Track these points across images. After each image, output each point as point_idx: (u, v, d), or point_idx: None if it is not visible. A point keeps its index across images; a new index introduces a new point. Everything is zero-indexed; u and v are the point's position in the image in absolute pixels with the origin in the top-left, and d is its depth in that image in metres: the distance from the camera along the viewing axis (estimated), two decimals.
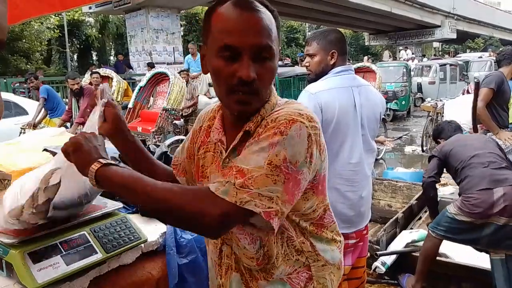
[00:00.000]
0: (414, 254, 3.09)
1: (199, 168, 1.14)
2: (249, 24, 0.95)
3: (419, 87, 13.94)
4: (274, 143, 0.91)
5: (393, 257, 3.15)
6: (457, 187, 2.92)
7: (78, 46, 21.22)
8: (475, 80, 4.37)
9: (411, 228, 3.57)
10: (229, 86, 0.97)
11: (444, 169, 3.02)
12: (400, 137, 9.75)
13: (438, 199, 3.20)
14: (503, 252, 2.69)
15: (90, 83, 6.81)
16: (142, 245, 1.49)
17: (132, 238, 1.44)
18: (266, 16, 0.98)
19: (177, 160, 1.26)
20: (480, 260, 2.94)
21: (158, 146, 2.01)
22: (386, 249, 3.22)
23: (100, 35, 20.86)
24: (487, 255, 2.77)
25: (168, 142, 5.70)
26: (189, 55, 9.69)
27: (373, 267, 3.14)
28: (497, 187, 2.60)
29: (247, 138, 1.00)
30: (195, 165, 1.17)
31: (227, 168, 0.98)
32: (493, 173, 2.67)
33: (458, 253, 3.15)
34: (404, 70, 12.35)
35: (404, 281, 3.05)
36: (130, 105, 6.53)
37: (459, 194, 2.83)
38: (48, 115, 6.57)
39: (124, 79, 9.57)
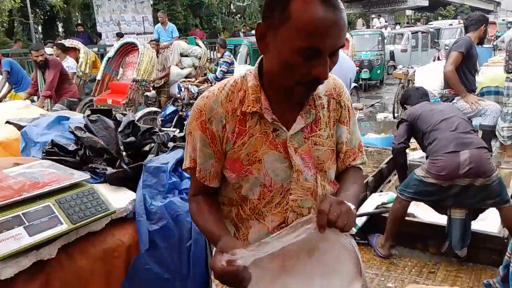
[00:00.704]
0: (383, 215, 3.20)
1: (240, 159, 1.10)
2: (337, 27, 0.95)
3: (392, 55, 14.05)
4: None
5: (364, 218, 3.26)
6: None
7: (42, 17, 20.18)
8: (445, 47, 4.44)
9: (381, 191, 3.68)
10: (301, 80, 0.99)
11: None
12: (372, 105, 9.89)
13: (408, 163, 3.30)
14: (464, 212, 2.82)
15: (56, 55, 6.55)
16: None
17: (100, 209, 1.44)
18: (345, 14, 1.00)
19: (204, 172, 1.14)
20: (441, 218, 3.07)
21: (124, 115, 1.97)
22: (356, 211, 3.31)
23: (65, 5, 19.86)
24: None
25: (140, 114, 5.63)
26: (159, 24, 9.38)
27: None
28: (463, 150, 2.69)
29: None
30: (232, 159, 1.11)
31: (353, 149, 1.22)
32: (460, 136, 2.76)
33: (424, 213, 3.29)
34: (380, 38, 12.37)
35: (374, 241, 3.17)
36: (98, 77, 6.33)
37: (427, 157, 2.92)
38: (13, 89, 6.33)
39: (98, 50, 9.24)
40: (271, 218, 1.12)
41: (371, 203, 3.41)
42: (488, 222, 3.05)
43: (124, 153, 1.75)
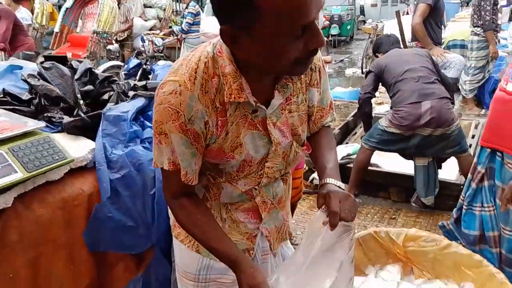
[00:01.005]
0: (348, 166, 3.28)
1: (223, 148, 1.06)
2: None
3: (362, 10, 13.96)
4: None
5: None
6: None
7: None
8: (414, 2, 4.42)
9: (347, 143, 3.75)
10: (299, 58, 0.92)
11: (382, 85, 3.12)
12: (341, 60, 9.89)
13: (373, 115, 3.35)
14: (427, 159, 2.93)
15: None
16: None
17: (57, 157, 1.39)
18: None
19: (190, 174, 1.07)
20: (403, 168, 3.18)
21: (81, 62, 1.87)
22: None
23: None
24: (411, 162, 3.01)
25: (102, 68, 5.40)
26: None
27: (310, 178, 3.31)
28: (425, 100, 2.75)
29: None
30: (214, 150, 1.07)
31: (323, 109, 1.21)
32: (423, 87, 2.80)
33: (388, 163, 3.39)
34: None
35: None
36: (56, 29, 5.97)
37: (391, 108, 2.97)
38: None
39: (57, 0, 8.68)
40: (244, 182, 1.14)
41: (337, 155, 3.48)
42: (447, 170, 3.19)
43: (81, 102, 1.67)
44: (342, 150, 3.50)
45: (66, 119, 1.60)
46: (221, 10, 0.90)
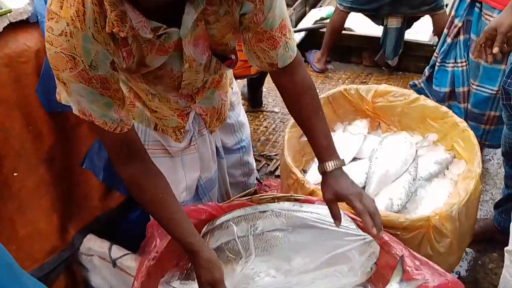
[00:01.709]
0: (321, 30, 3.14)
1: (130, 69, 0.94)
2: None
3: None
4: None
5: (302, 34, 3.19)
6: None
7: None
8: None
9: (320, 6, 3.55)
10: None
11: None
12: None
13: None
14: (400, 20, 2.82)
15: None
16: (8, 14, 1.27)
17: None
18: None
19: (112, 123, 0.93)
20: (376, 32, 3.08)
21: None
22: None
23: None
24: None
25: None
26: None
27: None
28: None
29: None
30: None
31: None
32: None
33: (361, 27, 3.26)
34: None
35: (311, 57, 3.18)
36: None
37: None
38: None
39: None
40: (163, 88, 1.09)
41: (310, 19, 3.31)
42: (420, 32, 3.10)
43: None
44: (315, 14, 3.33)
45: None
46: None
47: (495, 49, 1.49)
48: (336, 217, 1.08)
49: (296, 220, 1.18)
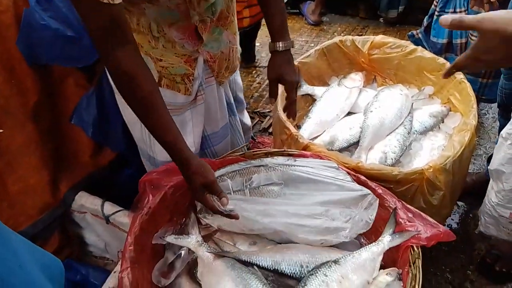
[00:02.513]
0: None
1: None
2: None
3: None
4: None
5: None
6: None
7: None
8: None
9: None
10: None
11: None
12: None
13: None
14: None
15: None
16: None
17: None
18: None
19: None
20: None
21: None
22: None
23: None
24: None
25: None
26: None
27: None
28: None
29: None
30: None
31: None
32: None
33: None
34: None
35: (305, 9, 3.07)
36: None
37: None
38: None
39: None
40: None
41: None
42: None
43: None
44: None
45: None
46: None
47: None
48: (273, 96, 1.26)
49: (291, 174, 1.17)
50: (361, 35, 2.91)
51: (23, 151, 1.26)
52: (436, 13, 1.99)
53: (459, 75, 1.57)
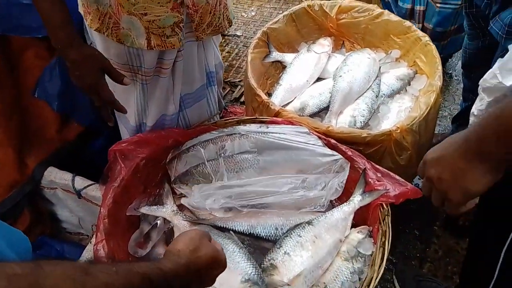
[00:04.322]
0: None
1: None
2: None
3: None
4: None
5: None
6: None
7: None
8: None
9: None
10: None
11: None
12: None
13: None
14: None
15: None
16: None
17: None
18: None
19: None
20: None
21: None
22: None
23: None
24: None
25: None
26: None
27: None
28: None
29: None
30: None
31: None
32: None
33: None
34: None
35: None
36: None
37: None
38: None
39: None
40: None
41: None
42: None
43: None
44: None
45: None
46: None
47: None
48: None
49: (264, 140, 1.18)
50: None
51: None
52: None
53: (425, 38, 1.60)
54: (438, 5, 1.90)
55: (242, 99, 2.18)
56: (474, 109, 1.31)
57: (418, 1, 1.96)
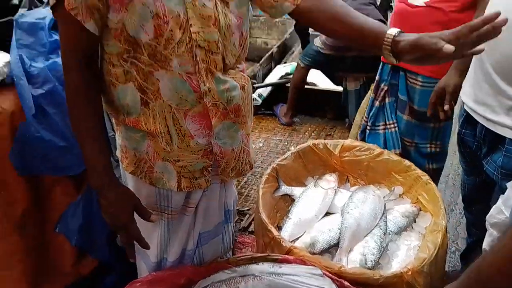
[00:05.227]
0: (287, 85, 3.29)
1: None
2: None
3: None
4: None
5: (269, 89, 3.32)
6: None
7: None
8: None
9: (285, 62, 3.73)
10: None
11: None
12: None
13: (310, 32, 3.32)
14: (358, 82, 3.00)
15: None
16: None
17: None
18: None
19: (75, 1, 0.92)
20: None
21: None
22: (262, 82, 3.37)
23: None
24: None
25: None
26: None
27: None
28: None
29: None
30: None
31: None
32: (358, 7, 2.78)
33: (323, 82, 3.44)
34: None
35: (278, 110, 3.30)
36: None
37: None
38: None
39: None
40: (177, 61, 1.00)
41: (276, 74, 3.47)
42: None
43: None
44: (281, 70, 3.49)
45: None
46: None
47: (446, 107, 1.63)
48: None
49: (277, 283, 1.18)
50: (330, 134, 3.12)
51: (5, 265, 1.22)
52: (367, 128, 2.13)
53: (425, 176, 1.70)
54: (414, 144, 2.01)
55: (251, 228, 2.21)
56: (486, 245, 1.33)
57: (390, 145, 2.04)
